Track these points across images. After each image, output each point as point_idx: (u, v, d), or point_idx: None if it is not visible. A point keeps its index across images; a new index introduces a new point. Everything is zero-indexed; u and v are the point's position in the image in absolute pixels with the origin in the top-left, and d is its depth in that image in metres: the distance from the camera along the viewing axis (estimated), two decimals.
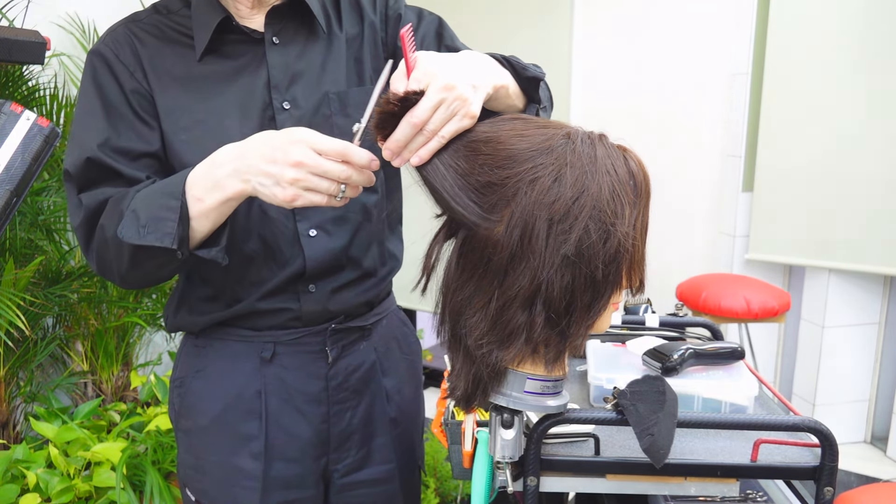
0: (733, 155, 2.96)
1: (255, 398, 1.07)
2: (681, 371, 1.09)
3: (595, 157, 0.74)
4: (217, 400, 1.08)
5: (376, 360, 1.14)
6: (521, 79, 0.95)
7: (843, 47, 2.66)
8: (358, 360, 1.11)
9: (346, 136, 0.98)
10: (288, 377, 1.07)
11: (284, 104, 1.01)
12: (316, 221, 1.03)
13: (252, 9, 1.01)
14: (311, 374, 1.08)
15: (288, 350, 1.07)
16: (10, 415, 2.03)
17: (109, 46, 1.00)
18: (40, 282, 2.02)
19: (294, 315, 1.06)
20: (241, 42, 1.01)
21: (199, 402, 1.09)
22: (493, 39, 3.20)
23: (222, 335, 1.08)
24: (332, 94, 1.03)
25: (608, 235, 0.73)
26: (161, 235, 0.86)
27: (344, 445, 1.11)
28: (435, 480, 2.28)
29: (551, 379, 0.82)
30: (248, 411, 1.07)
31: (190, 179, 0.88)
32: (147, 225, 0.86)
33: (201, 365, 1.10)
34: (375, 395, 1.14)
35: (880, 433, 2.96)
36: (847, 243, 2.75)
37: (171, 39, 1.01)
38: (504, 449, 0.86)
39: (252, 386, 1.07)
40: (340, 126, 1.03)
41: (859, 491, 1.62)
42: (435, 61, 0.77)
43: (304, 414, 1.08)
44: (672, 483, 0.94)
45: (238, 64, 1.01)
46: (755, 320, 2.42)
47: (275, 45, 1.01)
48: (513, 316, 0.75)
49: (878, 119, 2.62)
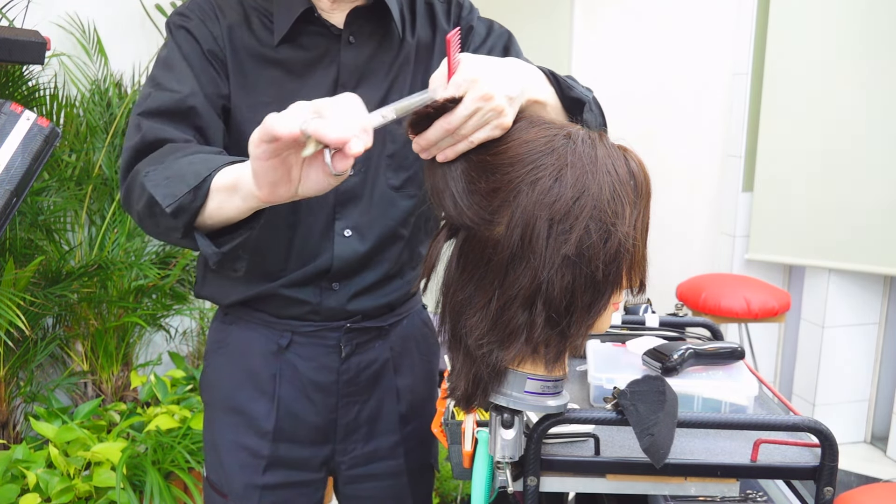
0: (733, 155, 2.96)
1: (268, 381, 1.10)
2: (681, 371, 1.09)
3: (595, 157, 0.74)
4: (233, 377, 1.11)
5: (390, 358, 1.15)
6: (565, 98, 0.92)
7: (843, 47, 2.66)
8: (371, 358, 1.13)
9: (394, 142, 1.04)
10: (301, 366, 1.09)
11: None
12: (353, 222, 1.04)
13: (333, 3, 1.01)
14: (323, 366, 1.10)
15: (304, 341, 1.09)
16: (10, 415, 2.03)
17: (195, 12, 1.01)
18: (40, 282, 2.01)
19: (313, 309, 1.07)
20: (318, 35, 1.01)
21: (217, 377, 1.14)
22: None
23: (246, 316, 1.10)
24: (392, 99, 1.01)
25: (609, 235, 0.73)
26: (167, 194, 0.81)
27: (350, 437, 1.13)
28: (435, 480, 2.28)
29: (551, 379, 0.82)
30: (261, 392, 1.10)
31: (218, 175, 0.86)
32: (168, 179, 0.83)
33: (224, 341, 1.13)
34: (385, 393, 1.15)
35: (880, 433, 2.96)
36: (847, 243, 2.75)
37: (251, 18, 1.01)
38: (504, 449, 0.86)
39: (268, 369, 1.09)
40: (393, 132, 1.03)
41: (859, 491, 1.62)
42: (477, 67, 0.76)
43: (313, 402, 1.10)
44: (672, 483, 0.94)
45: (312, 56, 1.01)
46: (755, 320, 2.42)
47: (350, 44, 1.02)
48: (513, 316, 0.76)
49: (878, 119, 2.62)
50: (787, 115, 2.79)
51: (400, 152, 1.05)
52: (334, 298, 1.07)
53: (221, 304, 1.13)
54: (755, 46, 2.83)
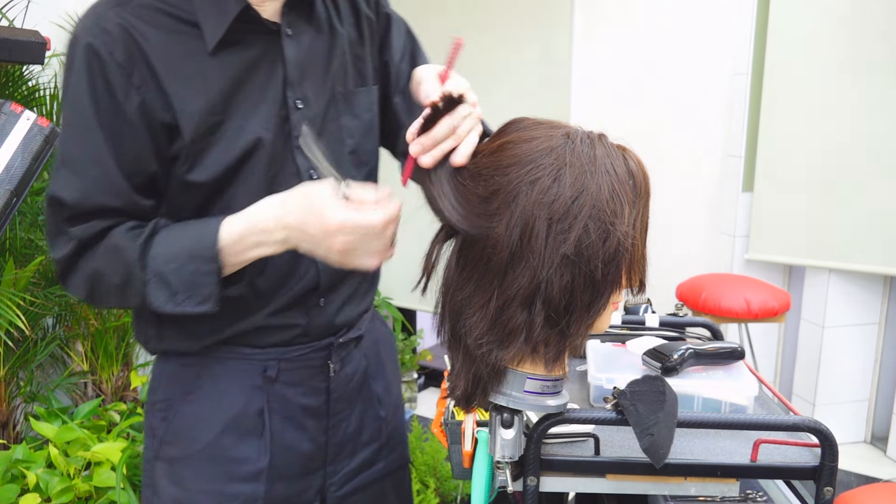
0: (733, 155, 2.96)
1: (256, 418, 1.01)
2: (681, 371, 1.09)
3: (594, 156, 0.74)
4: (213, 423, 1.00)
5: (367, 365, 1.12)
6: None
7: (843, 47, 2.66)
8: (352, 369, 1.09)
9: (352, 137, 1.00)
10: (290, 393, 1.02)
11: (298, 103, 0.95)
12: None
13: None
14: (313, 389, 1.04)
15: (291, 367, 1.02)
16: (10, 415, 2.03)
17: (101, 41, 0.85)
18: (40, 282, 2.02)
19: (302, 331, 1.01)
20: (253, 32, 0.92)
21: (192, 428, 1.01)
22: (493, 40, 3.20)
23: (219, 354, 1.00)
24: (339, 92, 1.00)
25: (607, 235, 0.73)
26: (200, 301, 0.86)
27: (339, 456, 1.09)
28: (435, 480, 2.27)
29: (551, 378, 0.82)
30: (247, 432, 1.01)
31: (225, 238, 0.86)
32: (181, 292, 0.86)
33: (193, 386, 1.01)
34: (367, 402, 1.12)
35: (880, 433, 2.96)
36: (847, 243, 2.75)
37: (172, 28, 0.88)
38: (504, 449, 0.86)
39: (254, 405, 1.01)
40: (349, 127, 1.00)
41: (859, 491, 1.62)
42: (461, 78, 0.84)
43: (305, 429, 1.04)
44: (672, 483, 0.94)
45: (252, 56, 0.92)
46: (755, 320, 2.42)
47: (289, 36, 0.95)
48: (512, 315, 0.76)
49: (878, 119, 2.62)
50: (787, 115, 2.79)
51: (360, 146, 1.03)
52: (322, 315, 1.02)
53: (186, 352, 1.01)
54: (755, 46, 2.83)
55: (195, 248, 0.86)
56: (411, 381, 3.29)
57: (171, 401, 1.02)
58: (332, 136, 0.99)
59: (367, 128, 1.04)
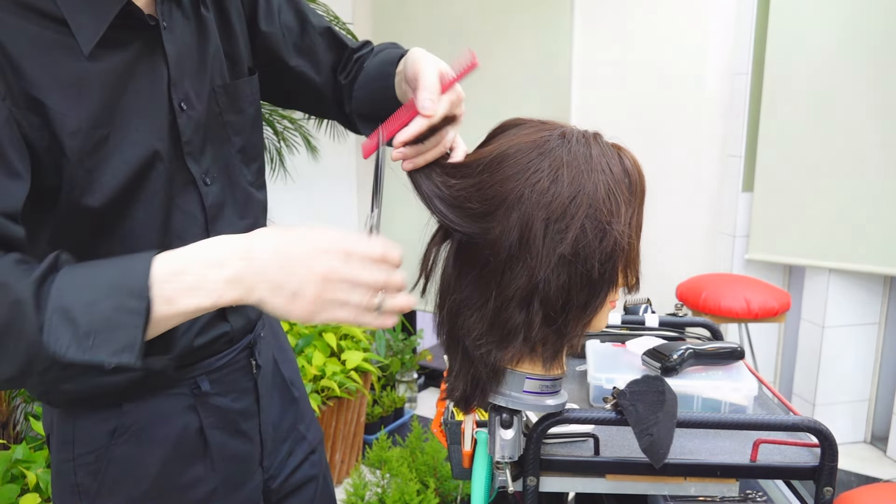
0: (733, 155, 2.96)
1: (195, 438, 0.93)
2: (680, 371, 1.09)
3: (591, 156, 0.74)
4: (153, 458, 0.90)
5: (274, 351, 1.08)
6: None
7: (843, 47, 2.66)
8: (265, 360, 1.04)
9: (239, 134, 0.93)
10: (223, 403, 0.96)
11: (182, 104, 0.84)
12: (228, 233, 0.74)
13: None
14: (241, 391, 0.99)
15: (219, 376, 0.95)
16: (10, 415, 2.03)
17: None
18: None
19: (228, 338, 0.95)
20: (128, 28, 0.78)
21: (131, 471, 0.89)
22: (493, 39, 3.20)
23: (143, 384, 0.88)
24: (219, 86, 0.90)
25: (604, 234, 0.73)
26: (118, 349, 0.64)
27: (273, 450, 1.05)
28: (435, 480, 2.27)
29: (550, 378, 0.82)
30: (191, 456, 0.93)
31: (157, 272, 0.66)
32: (93, 334, 0.63)
33: (121, 427, 0.88)
34: (282, 386, 1.09)
35: (880, 433, 2.96)
36: (847, 243, 2.75)
37: (37, 27, 0.72)
38: (503, 449, 0.86)
39: (191, 425, 0.92)
40: (234, 123, 0.92)
41: (859, 491, 1.62)
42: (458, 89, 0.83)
43: (243, 434, 0.99)
44: (672, 483, 0.94)
45: (131, 57, 0.79)
46: (755, 320, 2.42)
47: (165, 29, 0.82)
48: (511, 315, 0.76)
49: (878, 118, 2.62)
50: (787, 115, 2.79)
51: (248, 142, 0.96)
52: (239, 313, 0.96)
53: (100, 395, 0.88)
54: (755, 46, 2.83)
55: (117, 279, 0.66)
56: (411, 381, 3.29)
57: (97, 452, 0.88)
58: (216, 136, 0.90)
59: (253, 121, 0.96)
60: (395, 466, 2.21)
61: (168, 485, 0.91)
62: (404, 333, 3.33)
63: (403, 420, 3.16)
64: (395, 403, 3.07)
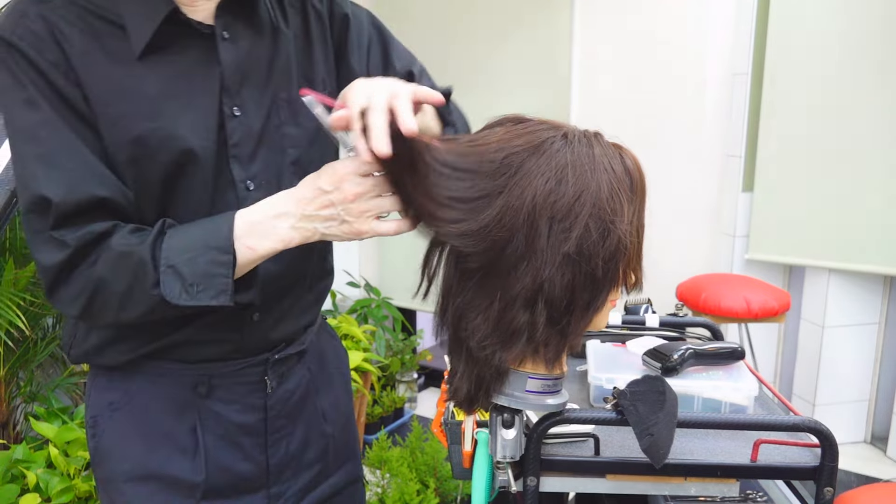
0: (733, 155, 2.96)
1: (188, 435, 0.95)
2: (681, 371, 1.09)
3: (593, 155, 0.74)
4: (140, 438, 0.95)
5: (310, 379, 1.06)
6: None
7: (843, 47, 2.66)
8: (293, 385, 1.03)
9: (295, 147, 0.96)
10: (224, 411, 0.97)
11: (235, 110, 0.90)
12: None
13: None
14: (249, 406, 0.99)
15: (224, 382, 0.97)
16: (10, 415, 2.03)
17: (26, 41, 0.80)
18: (40, 282, 2.01)
19: (234, 347, 0.96)
20: (185, 36, 0.86)
21: (118, 446, 0.96)
22: (492, 40, 3.20)
23: (146, 369, 0.95)
24: (282, 99, 0.94)
25: (608, 233, 0.73)
26: (216, 293, 0.81)
27: (282, 477, 1.03)
28: (435, 480, 2.27)
29: (552, 377, 0.82)
30: (180, 450, 0.95)
31: (239, 228, 0.82)
32: (196, 283, 0.80)
33: (119, 402, 0.95)
34: (311, 418, 1.06)
35: (880, 433, 2.96)
36: (847, 243, 2.75)
37: (97, 31, 0.83)
38: (505, 449, 0.86)
39: (186, 422, 0.95)
40: (291, 136, 0.95)
41: (859, 491, 1.62)
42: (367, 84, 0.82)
43: (241, 448, 0.99)
44: (672, 483, 0.94)
45: (186, 63, 0.87)
46: (755, 320, 2.42)
47: (225, 40, 0.89)
48: (515, 316, 0.76)
49: (878, 118, 2.62)
50: (787, 115, 2.79)
51: (304, 157, 0.97)
52: (257, 331, 0.96)
53: (111, 365, 0.96)
54: (755, 46, 2.83)
55: (209, 239, 0.82)
56: (411, 381, 3.29)
57: (97, 417, 0.97)
58: (273, 146, 0.94)
59: (312, 137, 0.97)
60: (395, 466, 2.21)
61: (154, 471, 0.95)
62: (404, 333, 3.33)
63: (403, 420, 3.16)
64: (395, 403, 3.07)
